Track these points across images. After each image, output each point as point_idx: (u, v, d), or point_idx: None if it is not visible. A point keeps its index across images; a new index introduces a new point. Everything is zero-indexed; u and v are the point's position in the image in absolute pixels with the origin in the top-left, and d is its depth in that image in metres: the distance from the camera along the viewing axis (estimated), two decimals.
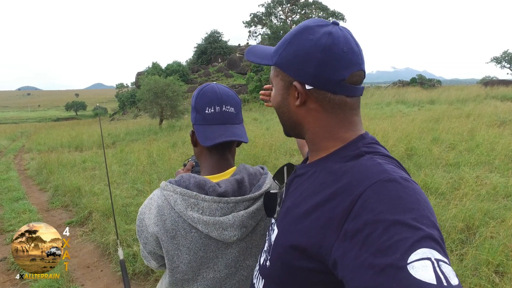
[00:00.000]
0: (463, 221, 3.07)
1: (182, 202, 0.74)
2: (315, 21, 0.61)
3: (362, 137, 0.61)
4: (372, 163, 0.53)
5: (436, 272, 0.38)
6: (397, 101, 16.30)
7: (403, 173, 0.51)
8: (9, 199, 5.40)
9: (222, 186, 0.77)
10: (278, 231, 0.63)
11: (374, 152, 0.57)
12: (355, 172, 0.52)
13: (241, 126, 0.88)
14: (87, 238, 3.86)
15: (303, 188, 0.62)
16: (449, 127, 7.51)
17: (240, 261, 0.81)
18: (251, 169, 0.86)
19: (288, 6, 28.69)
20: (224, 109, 0.83)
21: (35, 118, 67.08)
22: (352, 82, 0.59)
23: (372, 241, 0.42)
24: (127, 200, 4.70)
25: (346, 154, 0.58)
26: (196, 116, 0.84)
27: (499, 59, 35.57)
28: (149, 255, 0.83)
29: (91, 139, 12.11)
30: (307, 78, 0.59)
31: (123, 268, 1.62)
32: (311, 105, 0.61)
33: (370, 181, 0.49)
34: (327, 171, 0.58)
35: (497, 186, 3.92)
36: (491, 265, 2.42)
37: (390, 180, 0.48)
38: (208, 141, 0.80)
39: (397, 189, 0.46)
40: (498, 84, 19.80)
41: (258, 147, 6.75)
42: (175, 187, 0.76)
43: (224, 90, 0.86)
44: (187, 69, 27.51)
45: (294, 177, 0.68)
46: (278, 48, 0.64)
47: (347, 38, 0.58)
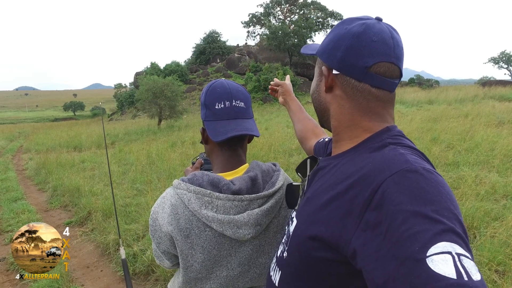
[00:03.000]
0: (463, 220, 3.08)
1: (196, 201, 0.73)
2: (359, 16, 0.63)
3: (388, 129, 0.59)
4: (395, 153, 0.52)
5: (457, 266, 0.37)
6: (395, 101, 16.29)
7: (426, 164, 0.50)
8: (8, 199, 5.38)
9: (236, 184, 0.75)
10: (297, 222, 0.62)
11: (398, 143, 0.56)
12: (377, 162, 0.51)
13: (252, 120, 0.86)
14: (86, 238, 3.84)
15: (324, 179, 0.61)
16: (447, 127, 7.54)
17: (253, 258, 0.81)
18: (264, 166, 0.85)
19: (287, 6, 28.68)
20: (234, 103, 0.82)
21: (33, 118, 66.86)
22: (378, 72, 0.58)
23: (393, 232, 0.42)
24: (126, 200, 4.68)
25: (370, 146, 0.57)
26: (206, 113, 0.83)
27: (496, 59, 35.75)
28: (162, 255, 0.82)
29: (89, 139, 12.07)
30: (334, 63, 0.61)
31: (125, 267, 1.62)
32: (337, 91, 0.62)
33: (391, 171, 0.48)
34: (350, 163, 0.57)
35: (496, 186, 3.93)
36: (491, 264, 2.43)
37: (411, 170, 0.47)
38: (219, 136, 0.78)
39: (418, 180, 0.45)
40: (496, 84, 19.88)
41: (257, 147, 6.75)
42: (188, 185, 0.75)
43: (233, 85, 0.85)
44: (185, 69, 27.47)
45: (318, 170, 0.67)
46: (325, 40, 0.67)
47: (382, 29, 0.58)
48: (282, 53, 27.04)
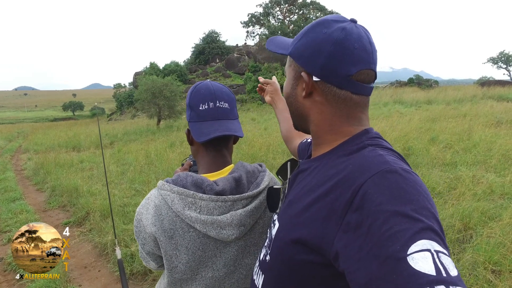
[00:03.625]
0: (460, 220, 3.09)
1: (179, 202, 0.73)
2: (333, 16, 0.61)
3: (366, 132, 0.60)
4: (374, 154, 0.53)
5: (436, 263, 0.38)
6: (394, 101, 16.35)
7: (405, 165, 0.51)
8: (6, 199, 5.37)
9: (219, 185, 0.76)
10: (279, 225, 0.63)
11: (377, 144, 0.57)
12: (356, 164, 0.52)
13: (236, 121, 0.87)
14: (84, 238, 3.85)
15: (305, 182, 0.62)
16: (446, 127, 7.55)
17: (238, 259, 0.81)
18: (249, 167, 0.85)
19: (286, 6, 28.70)
20: (218, 104, 0.83)
21: (32, 118, 66.77)
22: (359, 80, 0.58)
23: (374, 232, 0.43)
24: (125, 200, 4.69)
25: (349, 148, 0.58)
26: (191, 114, 0.84)
27: (495, 59, 35.79)
28: (147, 256, 0.82)
29: (88, 139, 12.07)
30: (315, 69, 0.59)
31: (121, 268, 1.63)
32: (316, 97, 0.62)
33: (370, 172, 0.49)
34: (330, 165, 0.58)
35: (493, 186, 3.95)
36: (488, 264, 2.44)
37: (391, 171, 0.48)
38: (202, 136, 0.79)
39: (397, 181, 0.46)
40: (495, 84, 19.91)
41: (256, 147, 6.76)
42: (172, 186, 0.75)
43: (217, 87, 0.86)
44: (185, 69, 27.46)
45: (298, 173, 0.68)
46: (295, 39, 0.65)
47: (361, 35, 0.58)
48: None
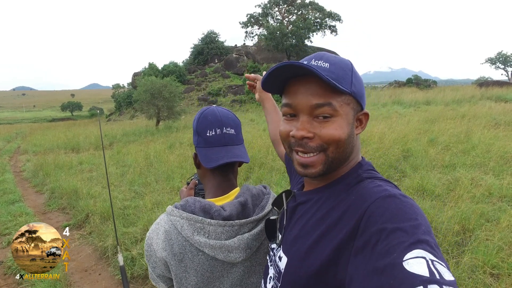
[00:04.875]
0: (459, 223, 3.10)
1: (188, 227, 0.77)
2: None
3: (360, 165, 0.66)
4: (374, 185, 0.58)
5: (430, 268, 0.41)
6: (393, 101, 16.38)
7: (401, 192, 0.57)
8: (5, 201, 5.36)
9: (227, 210, 0.79)
10: (288, 259, 0.64)
11: (373, 177, 0.62)
12: (359, 194, 0.58)
13: (242, 146, 0.91)
14: (85, 241, 3.85)
15: (309, 215, 0.65)
16: (445, 128, 7.58)
17: (245, 279, 0.84)
18: (254, 190, 0.88)
19: (285, 6, 28.68)
20: (224, 131, 0.86)
21: (30, 119, 66.53)
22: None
23: (376, 249, 0.46)
24: (125, 202, 4.69)
25: (349, 181, 0.63)
26: (198, 139, 0.88)
27: (493, 60, 35.88)
28: (158, 278, 0.85)
29: (87, 140, 12.04)
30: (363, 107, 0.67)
31: (123, 274, 1.63)
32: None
33: (372, 198, 0.54)
34: (333, 198, 0.62)
35: (491, 188, 3.97)
36: (486, 267, 2.46)
37: (390, 195, 0.53)
38: (210, 163, 0.83)
39: (396, 203, 0.51)
40: (493, 85, 19.97)
41: (255, 149, 6.76)
42: (181, 212, 0.78)
43: (224, 113, 0.89)
44: (183, 70, 27.42)
45: (298, 205, 0.70)
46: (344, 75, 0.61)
47: None
48: (280, 54, 27.06)
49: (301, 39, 25.29)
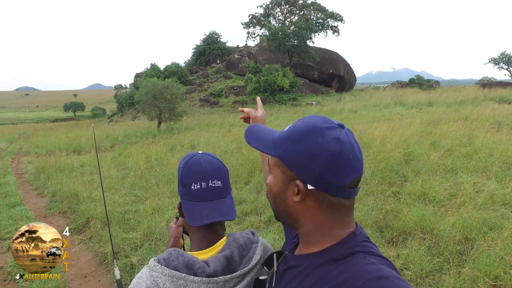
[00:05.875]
0: (460, 231, 3.07)
1: (171, 285, 0.74)
2: (323, 121, 0.63)
3: (354, 235, 0.63)
4: (366, 262, 0.57)
5: None
6: (395, 102, 16.32)
7: (395, 273, 0.55)
8: (7, 204, 5.38)
9: (211, 266, 0.77)
10: None
11: (367, 251, 0.60)
12: (351, 271, 0.56)
13: (229, 198, 0.88)
14: (85, 247, 3.84)
15: (296, 282, 0.64)
16: (447, 131, 7.53)
17: None
18: (241, 240, 0.86)
19: (287, 7, 28.62)
20: (210, 184, 0.84)
21: (33, 119, 66.87)
22: (351, 187, 0.61)
23: None
24: (125, 207, 4.68)
25: (340, 252, 0.61)
26: (183, 190, 0.86)
27: (496, 60, 35.68)
28: None
29: (89, 142, 12.07)
30: (310, 178, 0.60)
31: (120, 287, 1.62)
32: (309, 203, 0.63)
33: (364, 278, 0.53)
34: (322, 269, 0.60)
35: (494, 194, 3.92)
36: (488, 278, 2.43)
37: (383, 277, 0.52)
38: (195, 221, 0.81)
39: (390, 286, 0.51)
40: (496, 85, 19.86)
41: (256, 152, 6.74)
42: (163, 268, 0.76)
43: (209, 162, 0.86)
44: (185, 70, 27.46)
45: (287, 269, 0.69)
46: (283, 140, 0.65)
47: (352, 145, 0.60)
48: (282, 54, 27.02)
49: (303, 40, 25.22)
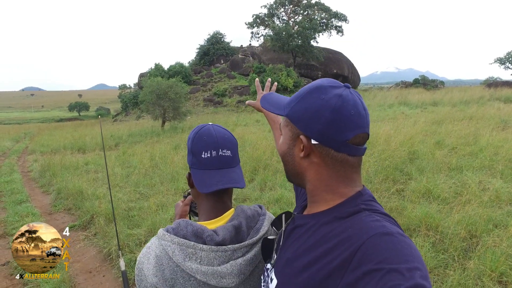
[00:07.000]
0: (465, 228, 3.05)
1: (180, 253, 0.74)
2: (329, 81, 0.64)
3: (360, 194, 0.64)
4: (371, 219, 0.57)
5: None
6: (399, 102, 16.25)
7: (399, 230, 0.56)
8: (13, 201, 5.45)
9: (219, 235, 0.77)
10: (278, 282, 0.64)
11: (372, 209, 0.60)
12: (355, 227, 0.56)
13: (238, 168, 0.88)
14: (89, 243, 3.87)
15: (302, 240, 0.64)
16: (452, 130, 7.48)
17: None
18: (248, 211, 0.86)
19: (291, 7, 28.61)
20: (220, 153, 0.83)
21: (39, 119, 67.49)
22: (355, 143, 0.62)
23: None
24: (129, 204, 4.71)
25: (346, 210, 0.61)
26: (193, 160, 0.85)
27: (502, 60, 35.35)
28: None
29: (94, 140, 12.16)
30: (314, 133, 0.62)
31: (125, 279, 1.64)
32: (314, 159, 0.64)
33: (369, 234, 0.52)
34: (327, 226, 0.61)
35: (499, 192, 3.89)
36: (494, 275, 2.41)
37: (387, 233, 0.52)
38: (205, 188, 0.81)
39: (393, 242, 0.50)
40: (502, 85, 19.68)
41: (260, 150, 6.75)
42: (172, 237, 0.76)
43: (220, 133, 0.86)
44: (189, 70, 27.54)
45: (295, 227, 0.69)
46: (291, 101, 0.68)
47: (356, 101, 0.61)
48: (286, 54, 27.01)
49: (307, 40, 25.19)
